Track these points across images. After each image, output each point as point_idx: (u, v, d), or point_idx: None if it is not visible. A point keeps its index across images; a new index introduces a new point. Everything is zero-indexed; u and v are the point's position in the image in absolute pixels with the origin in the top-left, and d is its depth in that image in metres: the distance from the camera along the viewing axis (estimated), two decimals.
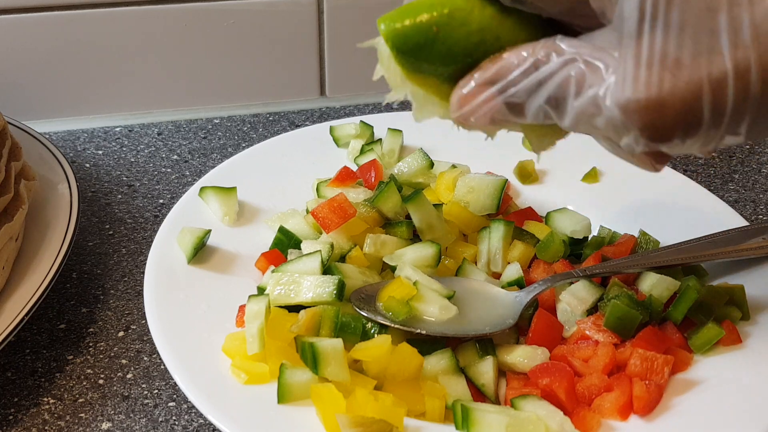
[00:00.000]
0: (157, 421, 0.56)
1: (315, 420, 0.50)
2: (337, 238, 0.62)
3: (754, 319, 0.59)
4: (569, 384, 0.53)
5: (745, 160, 0.88)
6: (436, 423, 0.51)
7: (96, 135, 0.90)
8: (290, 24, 0.93)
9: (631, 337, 0.56)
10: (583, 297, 0.59)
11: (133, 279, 0.69)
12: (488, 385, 0.54)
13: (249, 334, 0.54)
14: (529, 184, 0.75)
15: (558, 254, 0.63)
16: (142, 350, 0.62)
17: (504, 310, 0.58)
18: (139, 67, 0.91)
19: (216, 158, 0.86)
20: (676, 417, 0.52)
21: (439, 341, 0.56)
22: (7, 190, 0.63)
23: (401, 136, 0.78)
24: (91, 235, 0.74)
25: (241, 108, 0.96)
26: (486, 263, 0.64)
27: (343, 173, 0.70)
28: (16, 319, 0.56)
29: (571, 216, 0.68)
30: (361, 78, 0.99)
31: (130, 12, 0.87)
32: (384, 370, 0.53)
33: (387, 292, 0.57)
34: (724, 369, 0.55)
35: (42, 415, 0.56)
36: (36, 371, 0.60)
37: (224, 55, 0.93)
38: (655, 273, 0.60)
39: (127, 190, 0.81)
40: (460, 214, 0.67)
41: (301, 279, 0.57)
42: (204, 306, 0.59)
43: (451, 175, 0.70)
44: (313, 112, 0.96)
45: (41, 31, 0.86)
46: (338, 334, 0.55)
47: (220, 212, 0.68)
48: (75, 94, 0.91)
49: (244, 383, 0.53)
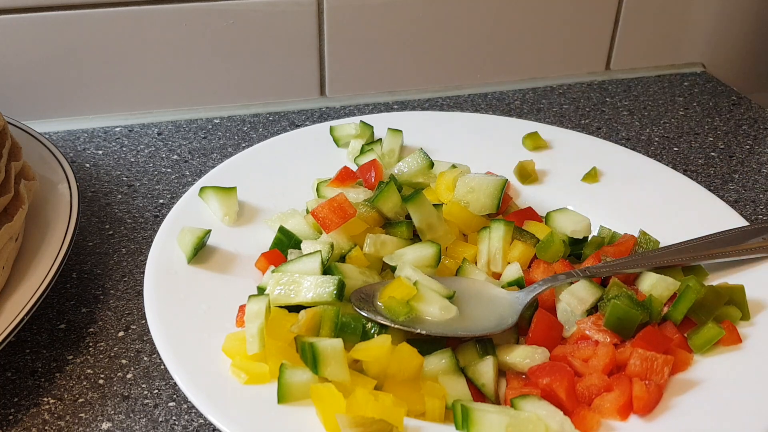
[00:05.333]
0: (157, 421, 0.56)
1: (315, 420, 0.50)
2: (337, 238, 0.62)
3: (754, 319, 0.59)
4: (569, 384, 0.53)
5: (745, 160, 0.88)
6: (436, 423, 0.51)
7: (96, 135, 0.90)
8: (290, 24, 0.93)
9: (631, 337, 0.56)
10: (583, 297, 0.59)
11: (133, 279, 0.69)
12: (488, 385, 0.54)
13: (249, 334, 0.54)
14: (529, 184, 0.75)
15: (558, 254, 0.63)
16: (142, 350, 0.62)
17: (504, 310, 0.58)
18: (139, 67, 0.91)
19: (216, 158, 0.86)
20: (676, 417, 0.52)
21: (439, 341, 0.56)
22: (7, 190, 0.63)
23: (401, 136, 0.78)
24: (91, 235, 0.74)
25: (241, 108, 0.96)
26: (486, 263, 0.64)
27: (343, 173, 0.70)
28: (16, 319, 0.56)
29: (571, 216, 0.68)
30: (361, 78, 0.99)
31: (130, 12, 0.87)
32: (384, 370, 0.53)
33: (387, 292, 0.57)
34: (724, 369, 0.55)
35: (42, 415, 0.56)
36: (36, 371, 0.60)
37: (224, 55, 0.93)
38: (655, 273, 0.60)
39: (127, 190, 0.81)
40: (460, 214, 0.67)
41: (301, 279, 0.57)
42: (204, 306, 0.59)
43: (451, 175, 0.70)
44: (313, 112, 0.96)
45: (41, 31, 0.86)
46: (338, 334, 0.55)
47: (220, 212, 0.68)
48: (75, 94, 0.91)
49: (244, 383, 0.53)
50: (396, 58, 0.99)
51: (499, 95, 1.02)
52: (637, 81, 1.06)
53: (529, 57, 1.04)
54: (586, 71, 1.07)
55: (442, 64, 1.01)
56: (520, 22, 1.01)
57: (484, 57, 1.02)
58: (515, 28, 1.01)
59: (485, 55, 1.02)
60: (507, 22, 1.00)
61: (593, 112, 0.98)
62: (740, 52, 1.14)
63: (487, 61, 1.02)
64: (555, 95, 1.02)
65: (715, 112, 0.99)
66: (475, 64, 1.02)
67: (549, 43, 1.03)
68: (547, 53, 1.04)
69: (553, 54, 1.04)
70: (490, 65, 1.03)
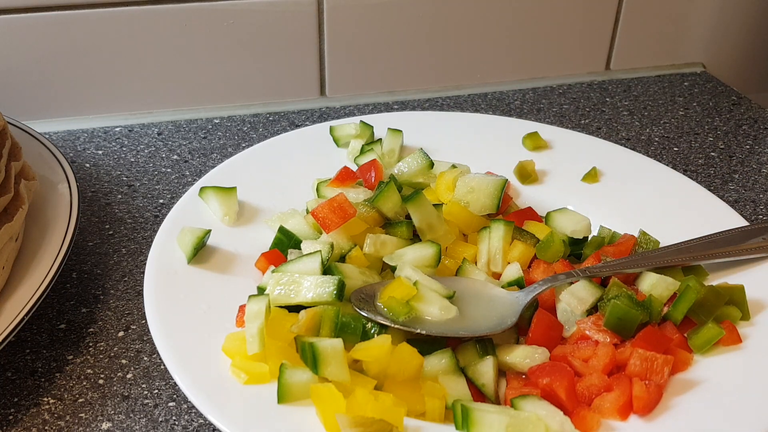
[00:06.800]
0: (157, 421, 0.56)
1: (315, 420, 0.50)
2: (337, 238, 0.62)
3: (754, 319, 0.59)
4: (569, 384, 0.53)
5: (745, 160, 0.88)
6: (436, 423, 0.51)
7: (96, 135, 0.90)
8: (290, 24, 0.93)
9: (631, 337, 0.56)
10: (583, 297, 0.59)
11: (133, 279, 0.69)
12: (488, 385, 0.54)
13: (249, 334, 0.54)
14: (529, 184, 0.75)
15: (558, 254, 0.63)
16: (142, 350, 0.62)
17: (504, 310, 0.58)
18: (139, 67, 0.91)
19: (216, 158, 0.86)
20: (676, 417, 0.52)
21: (439, 341, 0.56)
22: (7, 190, 0.63)
23: (401, 136, 0.78)
24: (91, 235, 0.74)
25: (241, 108, 0.96)
26: (486, 263, 0.64)
27: (343, 173, 0.70)
28: (16, 319, 0.56)
29: (571, 216, 0.68)
30: (361, 78, 0.99)
31: (130, 12, 0.87)
32: (384, 370, 0.53)
33: (387, 292, 0.57)
34: (724, 369, 0.55)
35: (42, 415, 0.56)
36: (36, 371, 0.60)
37: (224, 55, 0.93)
38: (655, 273, 0.60)
39: (127, 190, 0.81)
40: (460, 214, 0.67)
41: (301, 279, 0.57)
42: (204, 306, 0.59)
43: (451, 175, 0.70)
44: (313, 112, 0.96)
45: (41, 31, 0.86)
46: (338, 334, 0.55)
47: (220, 212, 0.68)
48: (75, 94, 0.91)
49: (244, 383, 0.53)
50: (396, 58, 0.99)
51: (499, 95, 1.02)
52: (637, 81, 1.06)
53: (528, 57, 1.04)
54: (586, 71, 1.07)
55: (442, 64, 1.01)
56: (520, 22, 1.01)
57: (484, 57, 1.02)
58: (515, 28, 1.01)
59: (485, 55, 1.02)
60: (507, 22, 1.00)
61: (593, 112, 0.98)
62: (740, 52, 1.14)
63: (487, 61, 1.02)
64: (555, 95, 1.02)
65: (715, 112, 0.99)
66: (475, 64, 1.02)
67: (549, 43, 1.03)
68: (547, 53, 1.04)
69: (553, 54, 1.04)
70: (490, 65, 1.03)
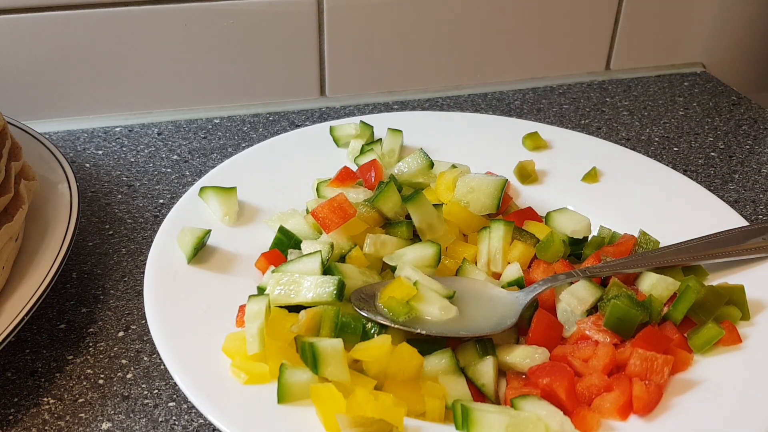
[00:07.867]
0: (157, 421, 0.56)
1: (315, 420, 0.50)
2: (337, 238, 0.62)
3: (754, 319, 0.59)
4: (569, 384, 0.53)
5: (745, 160, 0.88)
6: (436, 423, 0.51)
7: (96, 135, 0.90)
8: (290, 24, 0.93)
9: (631, 337, 0.56)
10: (583, 297, 0.59)
11: (133, 279, 0.69)
12: (488, 385, 0.54)
13: (249, 334, 0.54)
14: (529, 184, 0.75)
15: (558, 254, 0.63)
16: (142, 350, 0.62)
17: (504, 310, 0.58)
18: (139, 67, 0.91)
19: (216, 158, 0.86)
20: (676, 417, 0.52)
21: (439, 341, 0.56)
22: (7, 190, 0.63)
23: (401, 136, 0.78)
24: (91, 235, 0.74)
25: (241, 108, 0.96)
26: (486, 263, 0.64)
27: (343, 173, 0.70)
28: (16, 319, 0.56)
29: (571, 216, 0.68)
30: (361, 78, 0.99)
31: (130, 12, 0.87)
32: (384, 370, 0.53)
33: (387, 292, 0.57)
34: (724, 369, 0.55)
35: (42, 415, 0.56)
36: (36, 371, 0.60)
37: (224, 55, 0.93)
38: (655, 273, 0.60)
39: (127, 190, 0.81)
40: (460, 214, 0.67)
41: (301, 279, 0.57)
42: (204, 306, 0.59)
43: (451, 175, 0.70)
44: (313, 112, 0.96)
45: (41, 31, 0.86)
46: (338, 334, 0.54)
47: (220, 212, 0.68)
48: (75, 94, 0.91)
49: (244, 383, 0.53)
50: (396, 58, 0.99)
51: (499, 95, 1.02)
52: (637, 81, 1.06)
53: (529, 57, 1.04)
54: (586, 71, 1.07)
55: (442, 64, 1.01)
56: (520, 22, 1.01)
57: (484, 57, 1.02)
58: (515, 28, 1.01)
59: (485, 55, 1.02)
60: (507, 22, 1.00)
61: (593, 112, 0.98)
62: (740, 52, 1.14)
63: (487, 61, 1.02)
64: (555, 95, 1.02)
65: (715, 112, 0.99)
66: (475, 64, 1.02)
67: (549, 43, 1.03)
68: (547, 53, 1.04)
69: (553, 54, 1.04)
70: (490, 65, 1.03)
